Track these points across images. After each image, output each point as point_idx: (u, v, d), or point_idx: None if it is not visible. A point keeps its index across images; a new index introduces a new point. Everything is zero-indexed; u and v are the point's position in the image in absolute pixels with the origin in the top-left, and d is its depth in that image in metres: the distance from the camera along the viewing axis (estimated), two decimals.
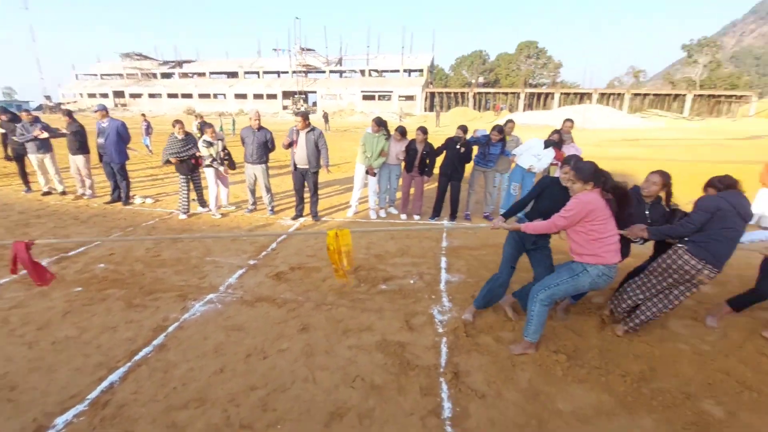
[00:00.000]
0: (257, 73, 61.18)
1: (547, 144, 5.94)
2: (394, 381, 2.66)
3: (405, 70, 60.16)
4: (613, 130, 30.17)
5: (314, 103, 56.82)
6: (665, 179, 3.17)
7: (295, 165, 6.02)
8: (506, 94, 57.30)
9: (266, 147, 6.25)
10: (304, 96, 54.15)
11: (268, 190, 6.59)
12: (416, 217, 6.61)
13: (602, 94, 49.54)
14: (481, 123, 34.09)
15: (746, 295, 3.30)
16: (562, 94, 51.46)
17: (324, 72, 59.02)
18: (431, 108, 55.08)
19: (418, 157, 6.16)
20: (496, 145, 6.18)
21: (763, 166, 6.85)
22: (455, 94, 57.05)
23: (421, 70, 59.27)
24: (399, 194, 7.30)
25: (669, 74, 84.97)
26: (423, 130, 6.07)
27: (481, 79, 73.78)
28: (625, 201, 2.66)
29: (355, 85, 55.00)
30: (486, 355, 2.94)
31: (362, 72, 60.96)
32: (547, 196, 3.19)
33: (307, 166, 5.96)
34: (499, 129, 6.10)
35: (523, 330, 2.93)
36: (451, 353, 2.96)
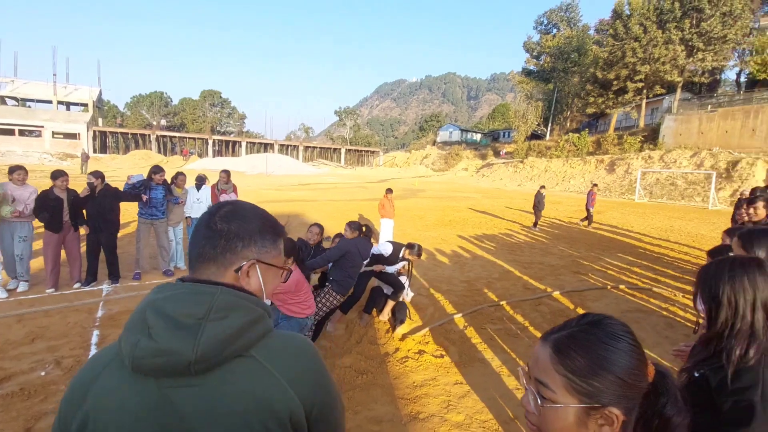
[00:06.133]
0: None
1: (199, 185, 6.46)
2: None
3: (62, 102, 48.03)
4: (293, 176, 34.79)
5: None
6: (322, 228, 4.40)
7: None
8: (194, 139, 55.69)
9: None
10: None
11: None
12: (77, 285, 5.28)
13: (282, 145, 56.43)
14: (167, 167, 31.56)
15: (350, 300, 4.48)
16: (248, 142, 54.93)
17: None
18: (103, 149, 46.26)
19: (65, 208, 4.98)
20: (157, 189, 5.68)
21: (379, 202, 9.59)
22: (134, 135, 50.40)
23: (85, 105, 48.95)
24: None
25: (330, 132, 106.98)
26: (58, 174, 4.96)
27: (163, 122, 68.54)
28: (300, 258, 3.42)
29: None
30: None
31: None
32: None
33: None
34: (156, 168, 5.68)
35: None
36: None
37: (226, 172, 6.71)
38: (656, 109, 36.49)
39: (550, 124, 46.17)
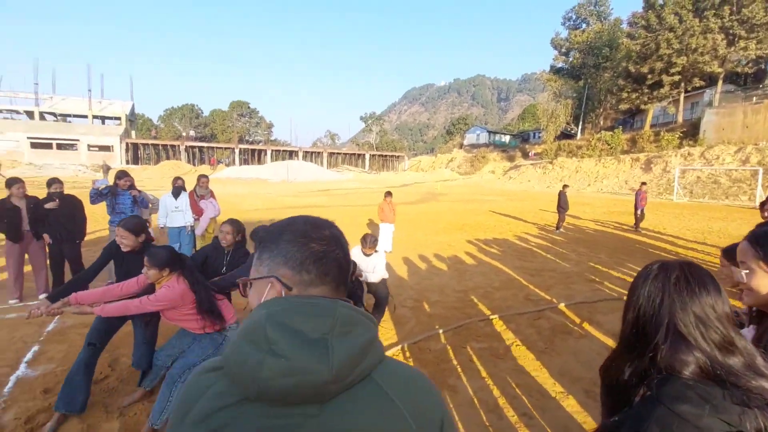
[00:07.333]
0: None
1: (176, 192, 6.01)
2: None
3: (96, 117, 50.94)
4: (315, 182, 34.89)
5: None
6: (236, 227, 3.40)
7: None
8: (221, 149, 57.36)
9: None
10: None
11: None
12: (42, 295, 5.10)
13: (306, 152, 57.05)
14: (193, 176, 32.60)
15: None
16: (273, 150, 55.91)
17: None
18: (136, 160, 48.42)
19: (23, 217, 4.80)
20: (124, 194, 5.36)
21: (378, 206, 9.09)
22: (164, 146, 52.50)
23: (118, 118, 51.71)
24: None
25: (356, 139, 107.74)
26: (13, 181, 4.79)
27: (193, 133, 71.17)
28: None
29: (19, 129, 42.04)
30: None
31: (29, 114, 47.73)
32: (119, 263, 3.03)
33: None
34: (121, 174, 5.36)
35: (152, 416, 2.52)
36: None
37: (205, 177, 6.40)
38: (696, 104, 34.09)
39: (581, 123, 44.17)
